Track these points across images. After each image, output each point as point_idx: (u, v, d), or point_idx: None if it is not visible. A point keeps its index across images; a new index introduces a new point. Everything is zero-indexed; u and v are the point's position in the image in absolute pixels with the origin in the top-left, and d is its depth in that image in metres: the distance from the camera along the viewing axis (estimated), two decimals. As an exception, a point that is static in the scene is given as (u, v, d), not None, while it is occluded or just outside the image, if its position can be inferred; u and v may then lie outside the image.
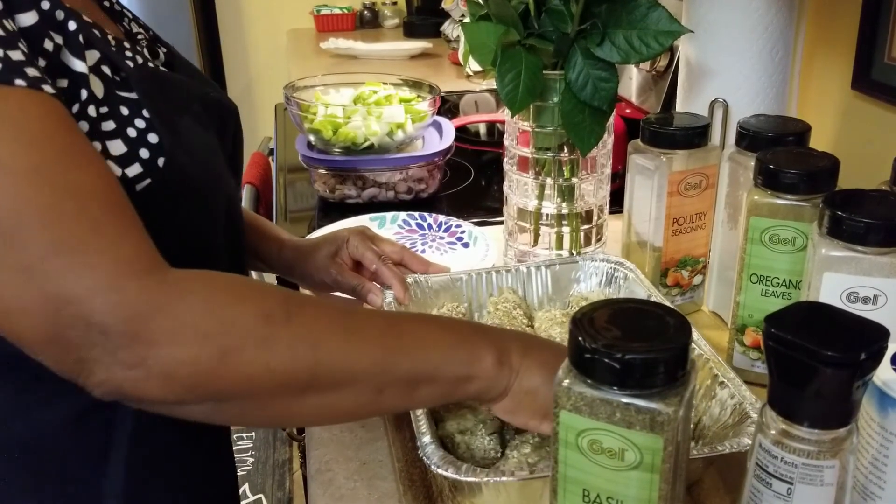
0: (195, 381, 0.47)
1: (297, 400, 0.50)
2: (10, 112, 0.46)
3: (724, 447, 0.57)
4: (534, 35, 0.83)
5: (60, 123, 0.48)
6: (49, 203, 0.46)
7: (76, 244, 0.46)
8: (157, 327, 0.46)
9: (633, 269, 0.82)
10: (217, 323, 0.48)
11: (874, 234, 0.59)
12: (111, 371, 0.46)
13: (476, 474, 0.55)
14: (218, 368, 0.47)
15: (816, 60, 1.13)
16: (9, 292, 0.45)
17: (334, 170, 1.22)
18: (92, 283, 0.45)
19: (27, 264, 0.45)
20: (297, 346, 0.49)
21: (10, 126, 0.46)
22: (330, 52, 2.33)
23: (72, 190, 0.47)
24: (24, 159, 0.46)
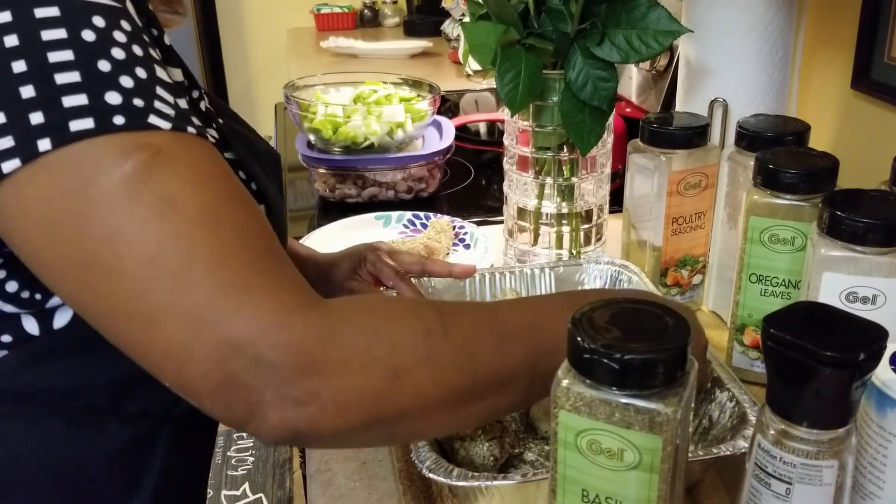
0: (369, 408, 0.47)
1: (460, 408, 0.51)
2: (182, 154, 0.46)
3: (720, 450, 0.58)
4: (533, 34, 0.83)
5: (223, 167, 0.49)
6: (217, 245, 0.45)
7: (242, 286, 0.45)
8: (327, 359, 0.45)
9: (637, 272, 0.82)
10: (383, 345, 0.47)
11: (873, 234, 0.59)
12: (285, 412, 0.45)
13: (467, 478, 0.55)
14: (389, 390, 0.47)
15: (816, 60, 1.13)
16: (177, 339, 0.44)
17: (334, 169, 1.22)
18: (260, 324, 0.44)
19: (195, 310, 0.44)
20: (459, 358, 0.49)
21: (182, 165, 0.46)
22: (330, 50, 2.33)
23: (237, 231, 0.46)
24: (193, 200, 0.45)
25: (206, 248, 0.45)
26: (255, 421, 0.46)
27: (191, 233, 0.45)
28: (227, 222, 0.46)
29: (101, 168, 0.44)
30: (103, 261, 0.44)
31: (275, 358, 0.44)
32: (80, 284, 0.45)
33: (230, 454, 2.27)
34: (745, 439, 0.58)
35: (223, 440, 2.31)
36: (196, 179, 0.46)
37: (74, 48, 0.44)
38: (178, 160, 0.46)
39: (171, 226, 0.44)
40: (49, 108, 0.43)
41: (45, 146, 0.43)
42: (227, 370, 0.44)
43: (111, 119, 0.44)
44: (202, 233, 0.45)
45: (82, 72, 0.44)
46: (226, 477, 2.19)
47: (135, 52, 0.47)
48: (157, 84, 0.47)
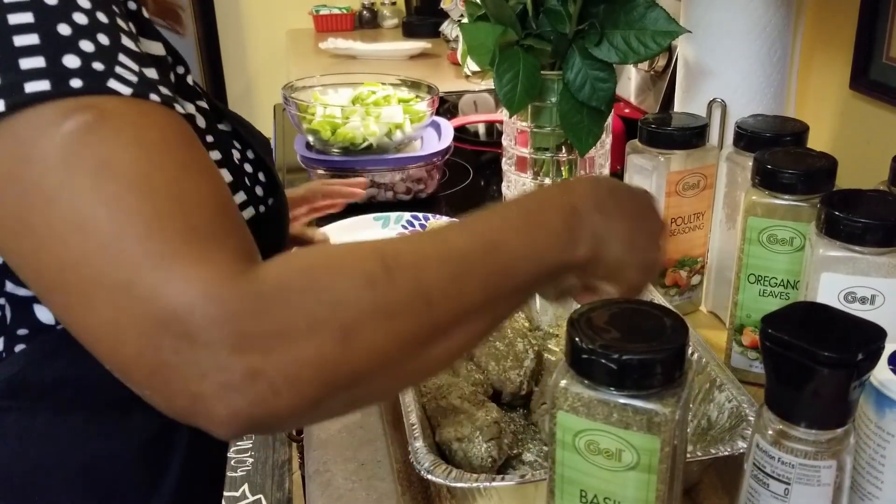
0: (323, 376, 0.42)
1: (423, 354, 0.46)
2: (131, 118, 0.44)
3: (718, 450, 0.58)
4: (532, 35, 0.83)
5: (181, 136, 0.46)
6: (151, 213, 0.42)
7: (173, 256, 0.41)
8: (265, 331, 0.41)
9: None
10: (325, 305, 0.42)
11: (872, 235, 0.59)
12: (231, 400, 0.40)
13: (464, 479, 0.55)
14: (343, 353, 0.42)
15: (814, 60, 1.13)
16: (108, 315, 0.41)
17: (333, 170, 1.22)
18: (189, 298, 0.40)
19: (124, 282, 0.41)
20: (410, 302, 0.45)
21: (128, 131, 0.43)
22: (329, 52, 2.33)
23: (178, 199, 0.43)
24: (134, 165, 0.43)
25: (138, 216, 0.41)
26: (201, 414, 0.41)
27: (124, 199, 0.42)
28: (167, 190, 0.43)
29: (43, 129, 0.42)
30: (37, 228, 0.42)
31: (207, 336, 0.40)
32: (20, 253, 0.43)
33: (229, 455, 2.26)
34: (743, 440, 0.58)
35: (222, 441, 2.31)
36: (140, 143, 0.43)
37: (34, 11, 0.44)
38: (124, 123, 0.43)
39: (104, 192, 0.41)
40: (5, 69, 0.42)
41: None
42: (159, 350, 0.40)
43: (68, 82, 0.43)
44: (136, 200, 0.42)
45: (41, 34, 0.43)
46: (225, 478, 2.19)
47: (98, 19, 0.46)
48: (120, 51, 0.46)
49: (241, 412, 0.41)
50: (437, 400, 0.68)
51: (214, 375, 0.40)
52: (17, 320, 0.54)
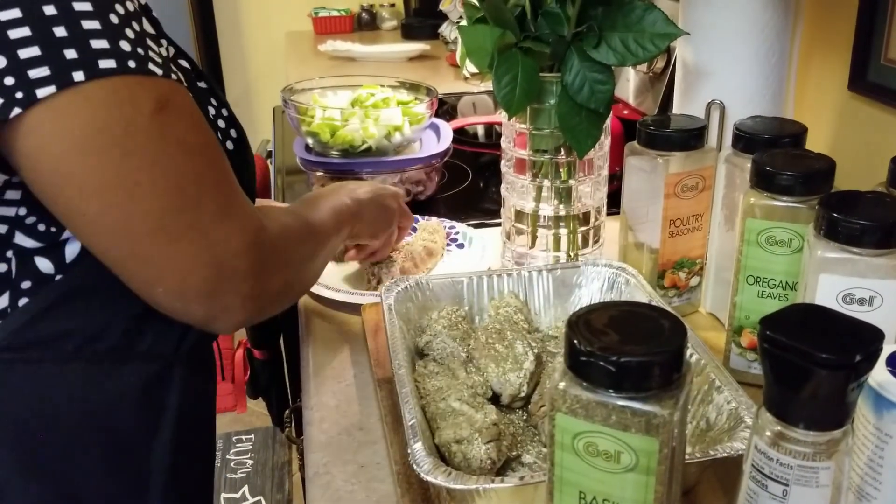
0: (285, 291, 0.69)
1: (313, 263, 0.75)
2: (182, 103, 0.57)
3: (717, 451, 0.58)
4: (530, 38, 0.83)
5: (200, 113, 0.60)
6: (215, 177, 0.59)
7: (232, 210, 0.59)
8: (272, 265, 0.63)
9: (634, 275, 0.82)
10: (291, 258, 0.68)
11: (870, 236, 0.59)
12: (244, 308, 0.61)
13: (465, 481, 0.55)
14: (297, 277, 0.71)
15: (813, 62, 1.13)
16: (189, 250, 0.57)
17: (332, 172, 1.22)
18: (242, 242, 0.59)
19: (203, 228, 0.57)
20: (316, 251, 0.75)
21: (185, 114, 0.57)
22: (328, 54, 2.33)
23: (224, 166, 0.60)
24: (197, 141, 0.58)
25: (211, 180, 0.58)
26: (227, 317, 0.61)
27: (200, 167, 0.58)
28: (219, 160, 0.60)
29: (134, 107, 0.54)
30: (141, 183, 0.54)
31: (244, 270, 0.60)
32: (113, 203, 0.55)
33: (229, 457, 2.26)
34: (741, 441, 0.58)
35: (222, 443, 2.30)
36: (195, 125, 0.58)
37: (91, 1, 0.53)
38: (181, 109, 0.57)
39: (189, 161, 0.57)
40: (81, 47, 0.52)
41: (79, 77, 0.51)
42: (219, 279, 0.58)
43: (126, 63, 0.53)
44: (207, 168, 0.58)
45: (101, 21, 0.53)
46: (225, 480, 2.19)
47: (129, 8, 0.56)
48: (146, 37, 0.57)
49: (243, 318, 0.62)
50: (437, 402, 0.68)
51: (240, 296, 0.61)
52: (21, 273, 0.60)
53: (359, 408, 0.76)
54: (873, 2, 0.99)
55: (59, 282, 0.61)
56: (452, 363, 0.74)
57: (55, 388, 0.63)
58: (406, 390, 0.66)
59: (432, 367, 0.74)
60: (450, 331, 0.77)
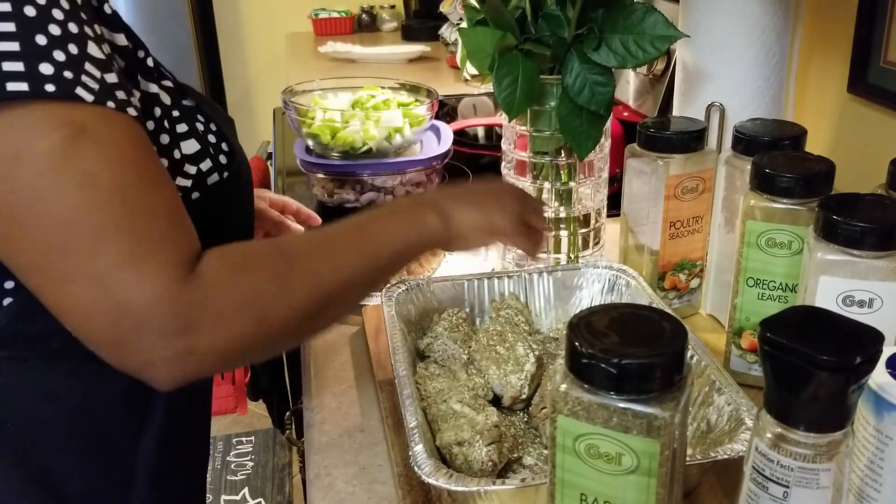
0: (244, 349, 0.56)
1: (321, 317, 0.61)
2: (105, 133, 0.52)
3: (718, 453, 0.58)
4: (531, 40, 0.83)
5: (141, 147, 0.55)
6: (125, 219, 0.52)
7: (141, 258, 0.52)
8: (203, 319, 0.53)
9: (635, 277, 0.82)
10: (246, 296, 0.56)
11: (870, 238, 0.59)
12: (172, 367, 0.53)
13: (466, 483, 0.55)
14: (258, 331, 0.56)
15: (813, 64, 1.13)
16: (82, 298, 0.52)
17: (332, 174, 1.22)
18: (150, 296, 0.52)
19: (100, 274, 0.51)
20: (306, 286, 0.59)
21: (103, 145, 0.52)
22: (328, 55, 2.33)
23: (145, 208, 0.53)
24: (110, 177, 0.52)
25: (114, 222, 0.52)
26: (148, 375, 0.54)
27: (104, 207, 0.51)
28: (137, 200, 0.53)
29: (33, 135, 0.50)
30: (25, 219, 0.51)
31: (158, 324, 0.52)
32: (5, 237, 0.52)
33: (229, 458, 2.26)
34: (741, 443, 0.58)
35: (222, 445, 2.30)
36: (115, 158, 0.52)
37: (16, 21, 0.50)
38: (101, 139, 0.52)
39: (88, 199, 0.51)
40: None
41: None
42: (119, 330, 0.52)
43: (43, 86, 0.50)
44: (113, 209, 0.52)
45: (21, 43, 0.50)
46: (225, 481, 2.19)
47: (69, 30, 0.53)
48: (86, 60, 0.53)
49: (179, 375, 0.55)
50: (437, 404, 0.68)
51: (162, 351, 0.52)
52: (4, 273, 0.59)
53: (360, 410, 0.76)
54: (873, 4, 0.99)
55: None
56: (453, 365, 0.74)
57: (40, 386, 0.63)
58: (407, 392, 0.66)
59: (433, 368, 0.74)
60: (451, 333, 0.77)
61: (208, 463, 0.82)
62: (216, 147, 0.68)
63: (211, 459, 2.25)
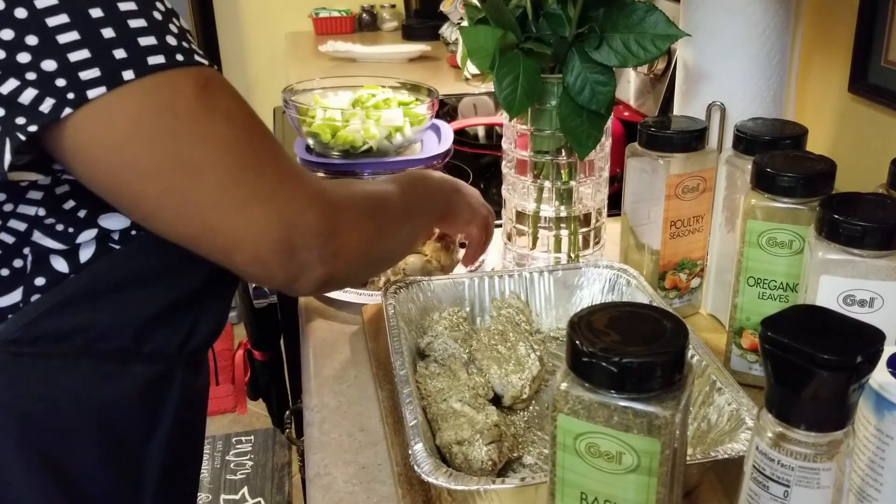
0: (367, 256, 0.68)
1: (398, 232, 0.74)
2: (221, 83, 0.59)
3: (718, 453, 0.58)
4: (531, 39, 0.83)
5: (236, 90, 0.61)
6: (268, 143, 0.60)
7: (291, 175, 0.60)
8: (343, 223, 0.63)
9: (636, 276, 0.82)
10: (363, 208, 0.68)
11: (871, 238, 0.59)
12: (326, 264, 0.62)
13: (465, 482, 0.55)
14: (374, 237, 0.69)
15: (813, 64, 1.13)
16: (261, 218, 0.58)
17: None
18: (307, 201, 0.60)
19: (267, 192, 0.58)
20: (396, 214, 0.73)
21: (228, 93, 0.59)
22: (328, 55, 2.33)
23: (272, 138, 0.62)
24: (244, 113, 0.59)
25: (265, 146, 0.60)
26: (306, 276, 0.62)
27: (252, 136, 0.59)
28: (264, 129, 0.61)
29: (176, 92, 0.55)
30: (198, 160, 0.56)
31: (317, 227, 0.61)
32: (173, 183, 0.56)
33: (229, 458, 2.26)
34: (742, 443, 0.58)
35: (221, 444, 2.30)
36: (237, 100, 0.59)
37: (135, 0, 0.55)
38: (220, 86, 0.58)
39: (239, 132, 0.58)
40: (129, 46, 0.54)
41: (129, 76, 0.54)
42: (291, 239, 0.59)
43: (174, 56, 0.56)
44: (258, 136, 0.60)
45: (146, 19, 0.55)
46: (225, 481, 2.19)
47: (167, 5, 0.59)
48: (187, 31, 0.59)
49: (329, 273, 0.63)
50: (438, 403, 0.68)
51: (320, 251, 0.61)
52: (36, 271, 0.61)
53: (360, 409, 0.76)
54: (874, 4, 0.99)
55: (72, 280, 0.62)
56: (454, 364, 0.74)
57: (60, 382, 0.64)
58: (407, 391, 0.66)
59: (433, 367, 0.74)
60: (451, 332, 0.77)
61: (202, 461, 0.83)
62: None
63: (210, 459, 2.25)
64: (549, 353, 0.81)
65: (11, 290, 0.61)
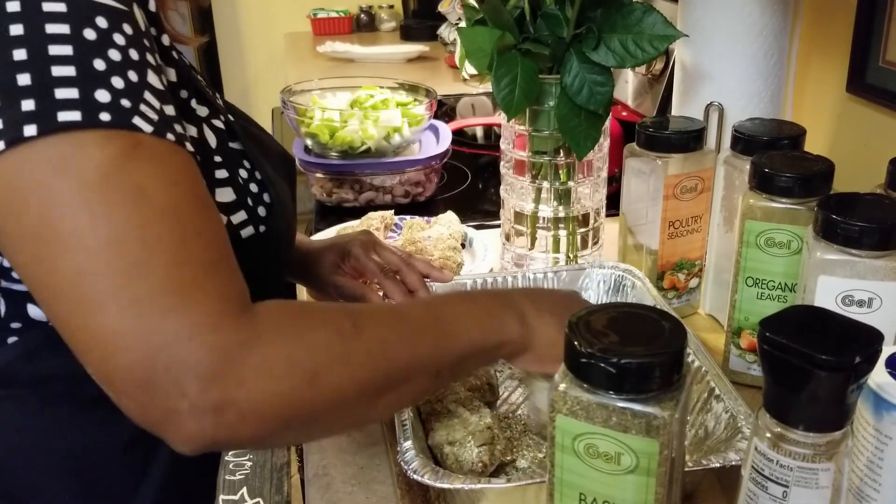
0: (288, 412, 0.48)
1: (376, 401, 0.53)
2: (159, 152, 0.48)
3: (710, 461, 0.57)
4: (529, 39, 0.83)
5: (195, 174, 0.51)
6: (175, 242, 0.47)
7: (188, 285, 0.46)
8: (248, 365, 0.46)
9: (640, 277, 0.82)
10: (302, 349, 0.49)
11: (869, 238, 0.59)
12: (203, 421, 0.45)
13: (451, 481, 0.55)
14: (308, 393, 0.48)
15: (811, 64, 1.13)
16: (114, 325, 0.45)
17: (331, 174, 1.22)
18: (194, 324, 0.45)
19: (140, 298, 0.45)
20: (371, 355, 0.52)
21: (158, 166, 0.48)
22: (327, 55, 2.33)
23: (196, 234, 0.48)
24: (164, 196, 0.47)
25: (165, 244, 0.46)
26: (171, 427, 0.46)
27: (155, 226, 0.46)
28: (189, 224, 0.48)
29: (80, 149, 0.46)
30: (64, 235, 0.45)
31: (196, 362, 0.45)
32: (34, 256, 0.46)
33: (227, 458, 2.26)
34: (737, 452, 0.57)
35: (220, 445, 2.30)
36: (168, 177, 0.48)
37: (74, 44, 0.46)
38: (155, 156, 0.48)
39: (138, 215, 0.46)
40: (41, 97, 0.45)
41: (30, 132, 0.45)
42: (152, 366, 0.44)
43: (98, 115, 0.46)
44: (165, 229, 0.47)
45: (78, 67, 0.46)
46: (223, 481, 2.18)
47: (130, 56, 0.49)
48: (146, 89, 0.49)
49: (207, 433, 0.46)
50: (433, 403, 0.68)
51: (194, 397, 0.45)
52: (11, 314, 0.57)
53: (358, 409, 0.76)
54: (871, 4, 0.99)
55: (50, 325, 0.55)
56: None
57: (36, 428, 0.60)
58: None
59: (432, 368, 0.74)
60: None
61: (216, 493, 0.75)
62: (256, 198, 0.62)
63: (209, 459, 2.24)
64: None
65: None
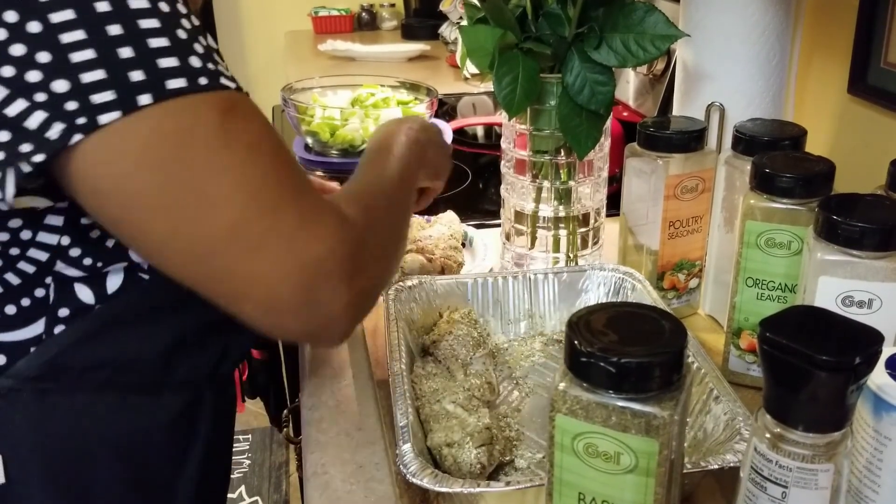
0: (383, 279, 0.62)
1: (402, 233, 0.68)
2: (248, 107, 0.54)
3: (708, 463, 0.57)
4: (531, 39, 0.83)
5: (265, 117, 0.56)
6: (293, 178, 0.54)
7: (315, 207, 0.53)
8: (366, 259, 0.56)
9: (641, 280, 0.82)
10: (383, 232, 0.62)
11: (869, 239, 0.59)
12: (351, 312, 0.54)
13: (450, 484, 0.55)
14: (396, 261, 0.66)
15: (813, 65, 1.13)
16: (276, 262, 0.51)
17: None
18: (332, 242, 0.53)
19: (289, 231, 0.51)
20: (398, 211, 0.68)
21: (253, 117, 0.53)
22: (328, 54, 2.33)
23: (293, 164, 0.55)
24: (268, 142, 0.53)
25: (288, 180, 0.53)
26: (332, 329, 0.55)
27: (275, 170, 0.53)
28: (288, 157, 0.55)
29: (196, 119, 0.50)
30: (211, 194, 0.50)
31: (340, 269, 0.53)
32: (183, 218, 0.50)
33: (226, 457, 2.26)
34: (735, 454, 0.57)
35: (219, 443, 2.30)
36: (261, 124, 0.54)
37: (158, 17, 0.50)
38: (246, 109, 0.53)
39: (262, 164, 0.52)
40: (148, 67, 0.49)
41: (145, 100, 0.49)
42: (311, 285, 0.52)
43: (197, 80, 0.51)
44: (281, 169, 0.53)
45: (169, 38, 0.51)
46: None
47: (194, 23, 0.54)
48: (214, 51, 0.54)
49: (355, 321, 0.56)
50: (431, 404, 0.68)
51: (346, 297, 0.53)
52: (60, 300, 0.59)
53: (358, 408, 0.76)
54: (873, 5, 0.99)
55: (98, 312, 0.60)
56: (453, 365, 0.74)
57: (86, 418, 0.61)
58: (400, 391, 0.66)
59: (430, 367, 0.74)
60: (458, 332, 0.76)
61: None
62: None
63: (208, 457, 2.24)
64: (553, 356, 0.81)
65: (33, 322, 0.59)
